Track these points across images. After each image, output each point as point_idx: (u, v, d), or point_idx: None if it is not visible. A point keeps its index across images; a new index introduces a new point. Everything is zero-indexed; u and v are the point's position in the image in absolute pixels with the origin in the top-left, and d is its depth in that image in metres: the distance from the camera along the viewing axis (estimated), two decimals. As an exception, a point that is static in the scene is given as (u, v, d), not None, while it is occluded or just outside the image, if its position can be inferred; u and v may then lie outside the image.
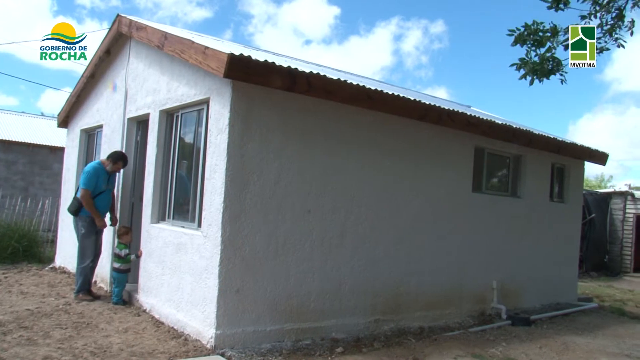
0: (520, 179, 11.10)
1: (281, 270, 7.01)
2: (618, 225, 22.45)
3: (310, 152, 7.30)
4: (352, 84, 7.32)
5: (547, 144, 11.24)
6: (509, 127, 10.16)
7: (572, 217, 12.86)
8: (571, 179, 12.65)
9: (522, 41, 7.03)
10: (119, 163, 9.01)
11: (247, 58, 6.27)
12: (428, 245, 8.96)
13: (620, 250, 22.27)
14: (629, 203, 22.37)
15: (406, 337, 7.84)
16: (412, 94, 9.92)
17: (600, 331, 9.50)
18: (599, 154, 12.94)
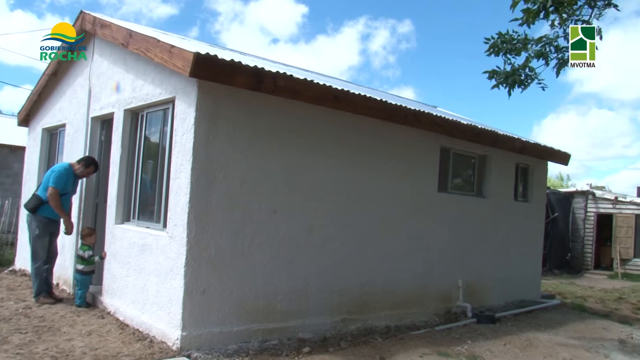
0: (485, 179, 11.23)
1: (247, 270, 6.97)
2: (580, 223, 22.92)
3: (277, 152, 7.27)
4: (319, 84, 7.32)
5: (511, 144, 11.39)
6: (474, 128, 10.28)
7: (535, 216, 13.06)
8: (535, 178, 12.85)
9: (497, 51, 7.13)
10: (90, 168, 8.81)
11: (213, 57, 6.22)
12: (394, 245, 9.00)
13: (582, 248, 22.75)
14: (590, 202, 22.86)
15: (373, 337, 7.86)
16: (379, 94, 9.96)
17: (562, 327, 9.67)
18: (562, 154, 13.17)
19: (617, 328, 10.05)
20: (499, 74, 7.35)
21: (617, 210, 22.23)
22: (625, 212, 22.04)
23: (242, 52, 10.96)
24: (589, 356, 7.68)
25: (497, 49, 7.05)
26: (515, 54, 7.14)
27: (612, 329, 9.88)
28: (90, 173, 8.91)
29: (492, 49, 7.09)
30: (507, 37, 7.02)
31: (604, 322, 10.56)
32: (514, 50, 7.06)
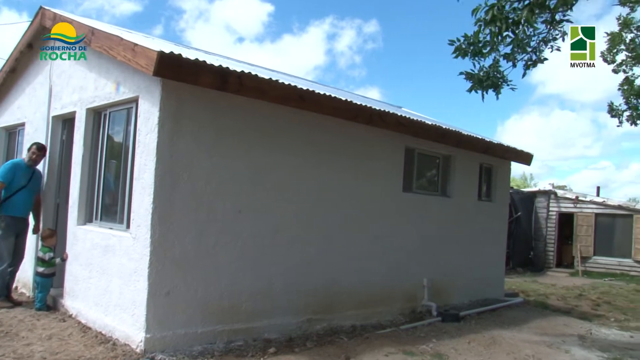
0: (450, 179, 11.34)
1: (212, 271, 6.91)
2: (542, 222, 23.31)
3: (242, 152, 7.23)
4: (284, 84, 7.31)
5: (475, 144, 11.53)
6: (439, 128, 10.37)
7: (499, 215, 13.24)
8: (498, 178, 13.02)
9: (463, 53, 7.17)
10: (32, 147, 8.62)
11: (178, 56, 6.16)
12: (360, 244, 9.03)
13: (545, 247, 23.15)
14: (552, 201, 23.27)
15: (338, 336, 7.88)
16: (345, 95, 9.98)
17: (525, 325, 9.83)
18: (525, 154, 13.37)
19: (577, 324, 10.26)
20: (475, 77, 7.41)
21: (578, 210, 22.67)
22: (585, 211, 22.49)
23: (207, 52, 10.87)
24: (550, 352, 7.82)
25: (464, 52, 7.10)
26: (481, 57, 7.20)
27: (572, 325, 10.08)
28: (38, 156, 8.69)
29: (457, 52, 7.13)
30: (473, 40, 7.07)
31: (565, 319, 10.77)
32: (479, 53, 7.11)
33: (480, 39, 7.03)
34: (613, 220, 22.17)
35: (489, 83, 7.31)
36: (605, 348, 8.31)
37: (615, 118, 14.75)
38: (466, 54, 7.16)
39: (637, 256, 21.23)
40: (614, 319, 11.59)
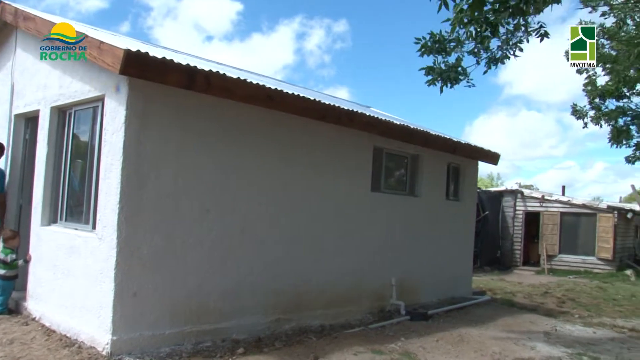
0: (418, 178, 11.41)
1: (180, 271, 6.85)
2: (509, 222, 23.62)
3: (209, 151, 7.18)
4: (252, 83, 7.27)
5: (443, 144, 11.62)
6: (407, 128, 10.43)
7: (467, 214, 13.38)
8: (466, 178, 13.15)
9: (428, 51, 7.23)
10: None
11: (144, 55, 6.09)
12: (328, 244, 9.04)
13: (511, 246, 23.45)
14: (518, 201, 23.59)
15: (307, 336, 7.88)
16: (313, 94, 9.98)
17: (492, 322, 9.95)
18: (492, 154, 13.52)
19: (543, 321, 10.42)
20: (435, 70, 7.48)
21: (544, 209, 23.01)
22: (551, 210, 22.84)
23: (175, 50, 10.77)
24: (516, 349, 7.92)
25: (429, 49, 7.17)
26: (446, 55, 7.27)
27: (538, 322, 10.24)
28: None
29: (423, 49, 7.20)
30: (439, 38, 7.14)
31: (531, 316, 10.93)
32: (444, 51, 7.19)
33: (450, 37, 7.10)
34: (578, 219, 22.56)
35: (447, 75, 7.38)
36: (569, 344, 8.46)
37: (579, 120, 15.03)
38: (431, 52, 7.23)
39: (600, 254, 21.63)
40: (578, 315, 11.79)
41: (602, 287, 17.44)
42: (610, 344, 8.74)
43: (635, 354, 8.12)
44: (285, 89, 8.11)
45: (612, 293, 16.02)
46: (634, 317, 11.99)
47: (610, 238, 21.40)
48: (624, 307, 13.34)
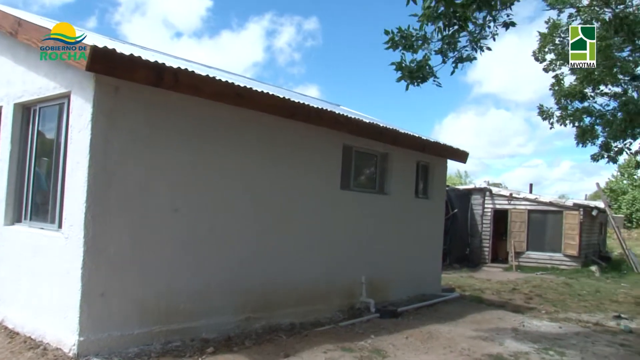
0: (387, 176, 11.46)
1: (149, 271, 6.78)
2: (478, 219, 23.85)
3: (177, 149, 7.11)
4: (221, 81, 7.23)
5: (412, 142, 11.68)
6: (376, 126, 10.46)
7: (436, 212, 13.47)
8: (435, 176, 13.24)
9: (395, 45, 7.23)
10: None
11: (112, 51, 6.01)
12: (298, 242, 9.03)
13: (480, 243, 23.68)
14: (487, 199, 23.83)
15: (277, 334, 7.86)
16: (282, 92, 9.95)
17: (461, 319, 10.04)
18: (461, 152, 13.64)
19: (511, 317, 10.55)
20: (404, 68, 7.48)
21: (511, 206, 23.28)
22: (519, 208, 23.12)
23: (143, 47, 10.64)
24: (485, 345, 8.01)
25: (395, 44, 7.17)
26: (412, 52, 7.28)
27: (506, 319, 10.37)
28: None
29: (390, 43, 7.20)
30: (407, 34, 7.15)
31: (500, 312, 11.06)
32: (411, 48, 7.20)
33: (418, 34, 7.12)
34: (545, 216, 22.86)
35: (418, 75, 7.41)
36: (536, 339, 8.58)
37: (545, 120, 15.22)
38: (397, 47, 7.24)
39: (566, 250, 21.96)
40: (545, 311, 11.98)
41: (568, 283, 17.74)
42: (575, 339, 8.90)
43: (599, 348, 8.28)
44: (255, 86, 8.08)
45: (577, 289, 16.30)
46: (598, 311, 12.23)
47: (576, 235, 21.74)
48: (589, 303, 13.60)
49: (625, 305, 13.53)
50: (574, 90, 14.54)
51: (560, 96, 14.89)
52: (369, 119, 11.34)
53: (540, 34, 14.21)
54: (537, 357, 7.52)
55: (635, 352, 8.14)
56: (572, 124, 15.08)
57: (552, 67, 14.75)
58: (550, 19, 13.62)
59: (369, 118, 12.09)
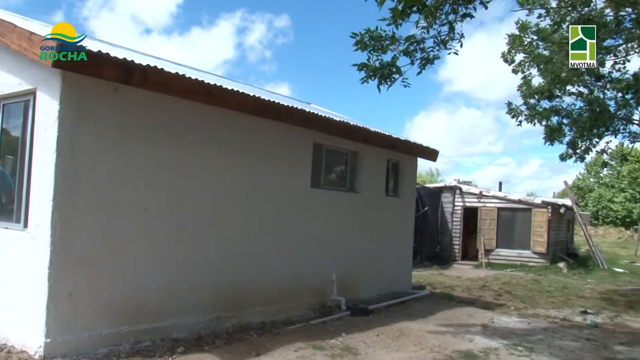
0: (358, 175, 11.48)
1: (118, 270, 6.70)
2: (448, 217, 24.05)
3: (147, 147, 7.04)
4: (191, 79, 7.17)
5: (382, 140, 11.72)
6: (347, 124, 10.48)
7: (406, 210, 13.55)
8: (405, 174, 13.30)
9: (364, 46, 7.25)
10: None
11: (79, 47, 5.91)
12: (268, 241, 9.01)
13: (450, 241, 23.89)
14: (457, 197, 24.05)
15: (248, 333, 7.84)
16: (253, 90, 9.92)
17: (432, 316, 10.12)
18: (430, 150, 13.73)
19: (480, 314, 10.67)
20: (369, 67, 7.51)
21: (481, 204, 23.53)
22: (488, 206, 23.38)
23: (111, 43, 10.48)
24: (455, 342, 8.08)
25: (364, 46, 7.19)
26: (381, 52, 7.31)
27: (476, 315, 10.47)
28: None
29: (359, 45, 7.22)
30: (375, 35, 7.18)
31: (470, 309, 11.17)
32: (380, 49, 7.23)
33: (386, 34, 7.14)
34: (514, 214, 23.15)
35: (381, 73, 7.44)
36: (505, 335, 8.69)
37: (514, 118, 15.43)
38: (366, 48, 7.26)
39: (535, 248, 22.27)
40: (514, 307, 12.13)
41: (536, 279, 17.99)
42: (543, 334, 9.04)
43: (566, 343, 8.43)
44: (225, 84, 8.04)
45: (545, 285, 16.56)
46: (566, 307, 12.43)
47: (545, 232, 22.06)
48: (557, 299, 13.81)
49: (591, 300, 13.78)
50: (542, 89, 14.77)
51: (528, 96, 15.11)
52: (340, 117, 11.36)
53: (509, 36, 14.37)
54: (506, 352, 7.61)
55: (601, 346, 8.29)
56: (540, 122, 15.32)
57: (521, 68, 14.95)
58: (519, 19, 13.79)
59: (339, 116, 12.11)
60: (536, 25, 13.64)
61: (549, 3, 12.80)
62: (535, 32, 13.76)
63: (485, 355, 7.42)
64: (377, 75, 7.41)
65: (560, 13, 12.38)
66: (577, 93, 15.33)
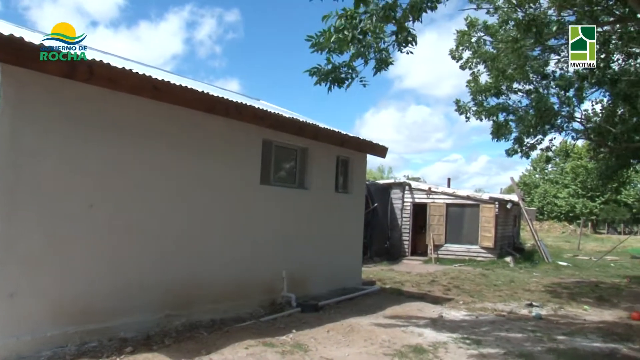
0: (307, 171, 11.50)
1: (63, 270, 6.56)
2: (398, 213, 24.29)
3: (92, 144, 6.89)
4: (138, 74, 7.05)
5: (332, 137, 11.75)
6: (296, 121, 10.47)
7: (356, 206, 13.62)
8: (355, 170, 13.37)
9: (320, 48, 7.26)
10: None
11: (19, 40, 5.76)
12: (218, 238, 8.95)
13: (400, 237, 24.14)
14: (406, 193, 24.31)
15: (198, 331, 7.77)
16: (202, 86, 9.82)
17: (382, 311, 10.22)
18: (380, 147, 13.82)
19: (430, 308, 10.81)
20: (320, 71, 7.53)
21: (430, 200, 23.85)
22: (437, 202, 23.71)
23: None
24: (405, 336, 8.17)
25: (321, 47, 7.20)
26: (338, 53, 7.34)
27: (425, 310, 10.61)
28: None
29: (315, 47, 7.23)
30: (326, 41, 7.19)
31: (419, 304, 11.31)
32: (337, 50, 7.26)
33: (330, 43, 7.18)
34: (462, 209, 23.55)
35: (333, 77, 7.49)
36: (454, 329, 8.83)
37: (462, 115, 15.68)
38: (323, 50, 7.28)
39: (483, 243, 22.71)
40: (463, 301, 12.36)
41: (484, 274, 18.37)
42: (491, 327, 9.23)
43: (513, 335, 8.62)
44: (174, 80, 7.93)
45: (493, 279, 16.91)
46: (512, 300, 12.72)
47: (492, 227, 22.51)
48: (504, 292, 14.12)
49: (536, 293, 14.14)
50: (489, 86, 15.05)
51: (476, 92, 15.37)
52: (289, 114, 11.34)
53: (457, 32, 14.59)
54: (455, 346, 7.73)
55: (545, 337, 8.51)
56: (488, 119, 15.60)
57: (468, 64, 15.19)
58: (468, 16, 14.02)
59: (289, 113, 12.09)
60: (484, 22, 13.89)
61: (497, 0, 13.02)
62: (482, 28, 14.00)
63: (434, 349, 7.52)
64: (328, 79, 7.46)
65: (506, 12, 12.63)
66: (524, 90, 15.69)
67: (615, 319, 10.67)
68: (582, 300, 13.09)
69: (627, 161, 15.56)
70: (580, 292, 14.48)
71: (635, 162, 15.76)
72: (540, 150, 16.36)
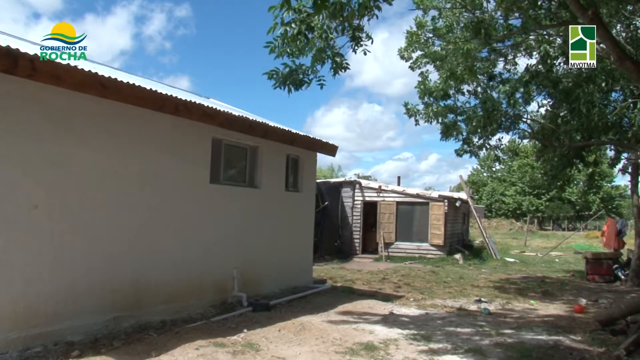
0: (257, 170, 11.45)
1: (3, 273, 6.35)
2: (348, 211, 24.41)
3: (36, 143, 6.71)
4: (83, 70, 6.87)
5: (282, 135, 11.73)
6: (246, 119, 10.41)
7: (306, 205, 13.65)
8: (305, 169, 13.39)
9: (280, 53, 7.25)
10: None
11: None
12: (166, 238, 8.83)
13: (351, 235, 24.27)
14: (357, 191, 24.46)
15: (148, 332, 7.66)
16: (151, 84, 9.66)
17: (333, 309, 10.25)
18: (330, 145, 13.86)
19: (381, 306, 10.89)
20: (279, 74, 7.53)
21: (381, 198, 24.05)
22: (388, 200, 23.94)
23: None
24: (356, 334, 8.21)
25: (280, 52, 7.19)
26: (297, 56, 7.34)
27: (376, 307, 10.69)
28: None
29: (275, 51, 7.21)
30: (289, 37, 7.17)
31: (370, 302, 11.38)
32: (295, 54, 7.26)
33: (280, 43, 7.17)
34: (412, 207, 23.83)
35: (291, 80, 7.50)
36: (405, 326, 8.93)
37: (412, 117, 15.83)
38: (282, 54, 7.28)
39: (433, 240, 23.03)
40: (413, 298, 12.50)
41: (434, 271, 18.61)
42: (441, 323, 9.36)
43: (462, 330, 8.76)
44: (121, 77, 7.77)
45: (443, 276, 17.16)
46: (462, 297, 12.93)
47: (442, 225, 22.86)
48: (453, 289, 14.35)
49: (485, 289, 14.41)
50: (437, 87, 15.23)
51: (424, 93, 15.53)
52: (239, 112, 11.27)
53: (407, 32, 14.71)
54: (406, 342, 7.81)
55: (493, 331, 8.68)
56: (437, 121, 15.79)
57: (417, 64, 15.34)
58: (417, 17, 14.14)
59: (239, 111, 12.01)
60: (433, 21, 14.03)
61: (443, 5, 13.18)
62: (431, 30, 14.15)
63: (386, 345, 7.58)
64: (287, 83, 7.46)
65: (454, 15, 12.80)
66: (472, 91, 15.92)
67: (559, 313, 10.98)
68: (529, 295, 13.42)
69: (571, 160, 15.96)
70: (527, 288, 14.84)
71: (578, 162, 16.18)
72: (485, 149, 16.63)
